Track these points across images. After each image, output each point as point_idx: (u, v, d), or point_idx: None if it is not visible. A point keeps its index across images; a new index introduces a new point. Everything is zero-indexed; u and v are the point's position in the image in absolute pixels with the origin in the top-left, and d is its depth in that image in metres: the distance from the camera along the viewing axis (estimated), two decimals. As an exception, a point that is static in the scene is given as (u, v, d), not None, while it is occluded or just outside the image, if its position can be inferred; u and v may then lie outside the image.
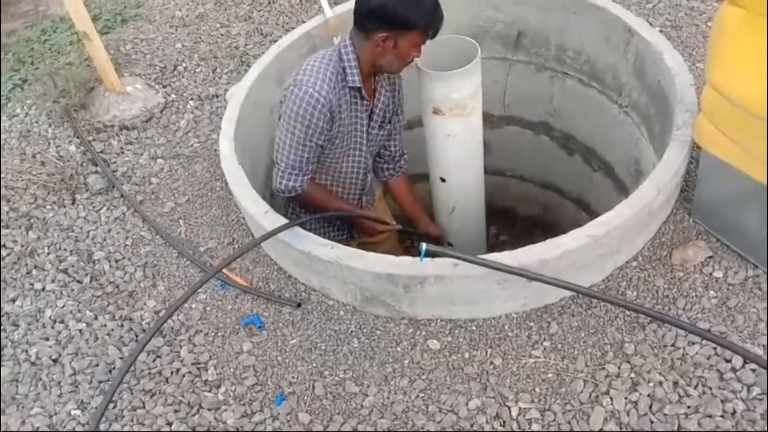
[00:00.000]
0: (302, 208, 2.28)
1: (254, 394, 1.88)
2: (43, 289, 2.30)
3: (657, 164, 2.00)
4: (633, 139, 2.67)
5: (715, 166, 1.89)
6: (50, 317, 2.20)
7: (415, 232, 2.57)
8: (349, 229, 2.41)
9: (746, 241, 1.92)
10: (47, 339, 2.13)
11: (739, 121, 1.72)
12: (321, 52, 2.03)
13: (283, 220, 2.04)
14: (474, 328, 1.93)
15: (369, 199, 2.42)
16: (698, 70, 2.60)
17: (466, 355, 1.87)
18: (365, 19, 1.94)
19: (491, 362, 1.84)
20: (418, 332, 1.95)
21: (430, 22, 1.93)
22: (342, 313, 2.04)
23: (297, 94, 1.91)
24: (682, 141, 2.01)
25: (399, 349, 1.92)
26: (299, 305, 2.06)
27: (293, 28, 2.96)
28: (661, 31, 2.65)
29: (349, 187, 2.25)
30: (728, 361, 1.73)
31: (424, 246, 1.77)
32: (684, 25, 2.89)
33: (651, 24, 2.66)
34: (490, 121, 3.16)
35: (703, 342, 1.78)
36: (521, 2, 2.79)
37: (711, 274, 1.93)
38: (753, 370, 1.69)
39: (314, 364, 1.92)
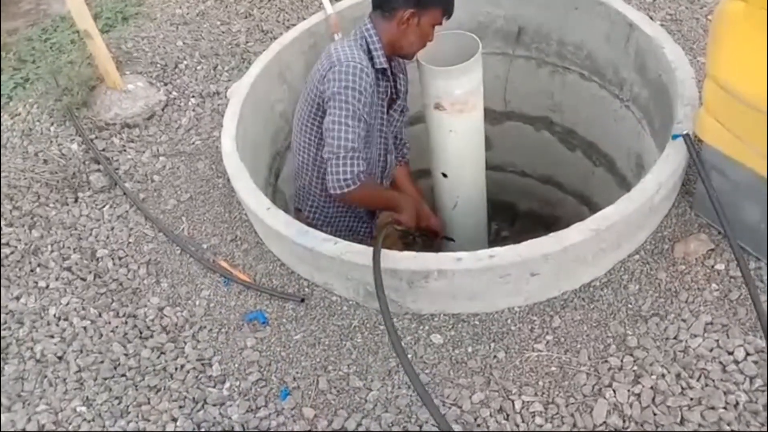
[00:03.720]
0: (347, 209, 2.32)
1: (259, 389, 1.89)
2: (47, 286, 2.31)
3: (658, 158, 2.00)
4: (634, 133, 2.67)
5: (715, 159, 1.90)
6: (54, 315, 2.21)
7: (450, 237, 2.60)
8: (371, 222, 2.44)
9: (747, 234, 1.93)
10: (52, 336, 2.14)
11: (740, 115, 1.73)
12: (341, 40, 2.06)
13: (287, 217, 2.05)
14: (477, 322, 1.94)
15: (388, 182, 2.45)
16: (699, 64, 2.60)
17: (470, 350, 1.88)
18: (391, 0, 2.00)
19: (494, 356, 1.85)
20: (421, 327, 1.96)
21: (450, 0, 2.04)
22: (345, 308, 2.04)
23: (341, 70, 1.92)
24: (684, 135, 2.01)
25: (402, 343, 1.93)
26: (303, 300, 2.07)
27: (294, 25, 2.96)
28: (661, 25, 2.66)
29: (373, 167, 2.27)
30: (730, 353, 1.73)
31: None
32: (684, 18, 2.89)
33: (651, 18, 2.66)
34: (491, 116, 3.16)
35: (706, 335, 1.78)
36: (521, -3, 2.79)
37: (713, 266, 1.94)
38: (755, 362, 1.70)
39: (318, 359, 1.93)
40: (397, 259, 1.87)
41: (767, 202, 1.80)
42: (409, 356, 1.89)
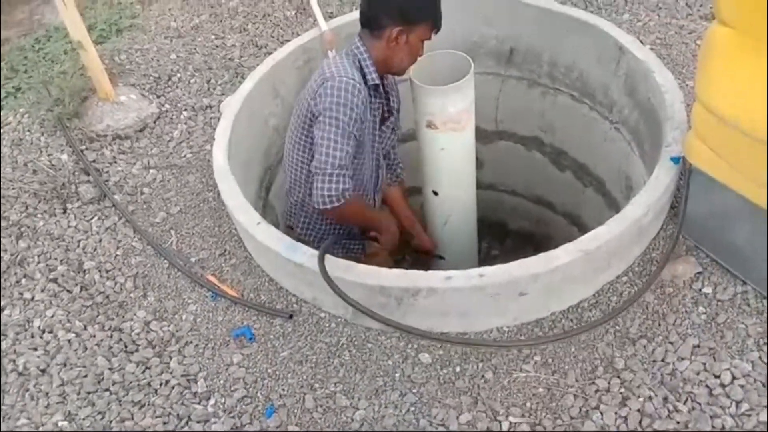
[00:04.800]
0: (334, 224, 2.30)
1: (244, 406, 1.87)
2: (32, 298, 2.28)
3: (647, 180, 2.02)
4: (624, 155, 2.69)
5: (704, 183, 1.91)
6: (39, 327, 2.18)
7: (440, 255, 2.59)
8: (363, 239, 2.44)
9: (735, 257, 1.94)
10: (35, 349, 2.11)
11: (728, 139, 1.75)
12: (334, 57, 2.07)
13: (277, 232, 2.04)
14: (465, 341, 1.93)
15: (379, 196, 2.45)
16: (688, 88, 2.63)
17: (457, 369, 1.87)
18: (378, 17, 2.01)
19: (482, 376, 1.84)
20: (409, 345, 1.95)
21: (437, 14, 2.05)
22: (333, 325, 2.03)
23: (333, 85, 1.92)
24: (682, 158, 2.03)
25: (390, 362, 1.92)
26: (291, 317, 2.06)
27: (288, 41, 2.98)
28: (651, 49, 2.69)
29: (366, 184, 2.28)
30: (717, 377, 1.74)
31: None
32: (674, 43, 2.93)
33: (642, 42, 2.69)
34: (482, 135, 3.18)
35: (693, 358, 1.79)
36: (514, 19, 2.82)
37: (700, 290, 1.95)
38: (741, 386, 1.71)
39: (305, 377, 1.92)
40: (387, 277, 1.86)
41: (756, 225, 1.82)
42: (397, 375, 1.88)
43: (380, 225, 2.19)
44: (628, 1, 3.22)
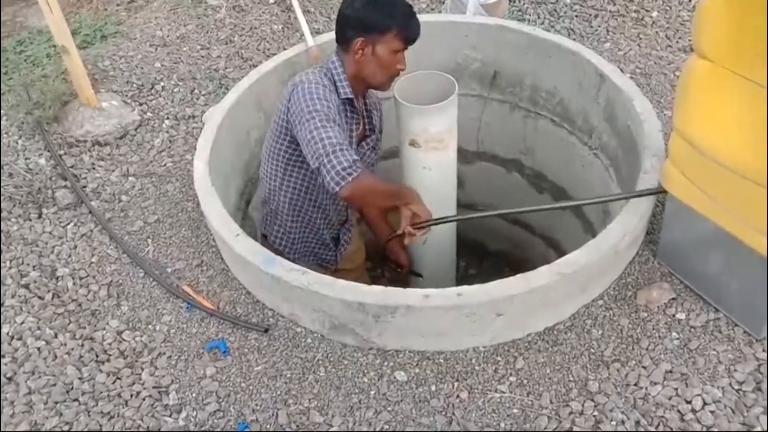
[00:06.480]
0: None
1: (216, 420, 1.84)
2: (2, 304, 2.23)
3: (624, 207, 2.05)
4: (602, 180, 2.74)
5: (680, 211, 1.95)
6: (8, 333, 2.13)
7: (418, 273, 2.60)
8: (336, 248, 2.43)
9: (708, 285, 1.98)
10: (3, 356, 2.06)
11: (705, 169, 1.78)
12: (307, 70, 2.07)
13: (255, 244, 2.03)
14: (442, 360, 1.93)
15: (355, 214, 2.44)
16: (666, 117, 2.69)
17: (433, 388, 1.87)
18: (343, 30, 2.04)
19: (457, 396, 1.84)
20: (385, 363, 1.94)
21: (403, 25, 2.00)
22: (310, 340, 2.02)
23: (303, 88, 1.94)
24: (649, 185, 2.07)
25: (366, 379, 1.91)
26: (266, 331, 2.04)
27: (274, 55, 2.98)
28: (631, 78, 2.75)
29: (340, 200, 2.27)
30: (688, 402, 1.76)
31: None
32: (653, 73, 3.00)
33: (622, 70, 2.75)
34: (464, 156, 3.20)
35: (665, 383, 1.81)
36: (498, 43, 2.87)
37: (674, 315, 1.98)
38: (712, 412, 1.73)
39: (279, 392, 1.90)
40: (365, 293, 1.86)
41: (730, 254, 1.85)
42: (372, 392, 1.87)
43: (404, 193, 2.11)
44: (610, 31, 3.29)
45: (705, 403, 1.75)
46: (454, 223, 2.64)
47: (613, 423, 1.73)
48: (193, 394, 1.91)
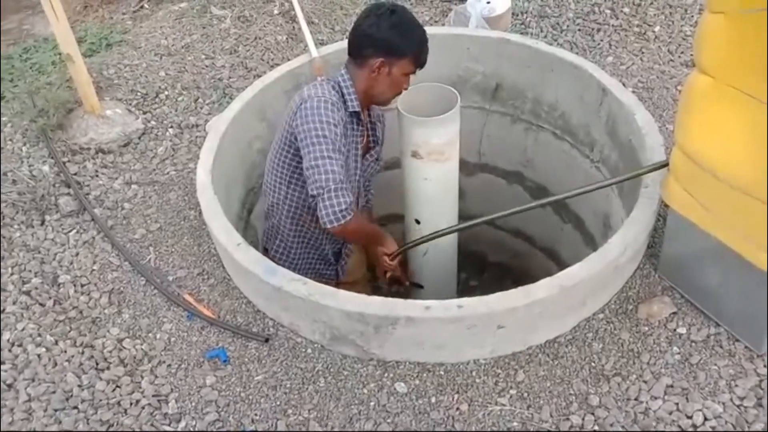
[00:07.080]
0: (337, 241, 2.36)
1: (215, 430, 1.84)
2: (3, 310, 2.23)
3: (625, 220, 2.06)
4: (603, 194, 2.74)
5: (681, 225, 1.95)
6: (8, 340, 2.13)
7: (419, 284, 2.62)
8: (337, 263, 2.44)
9: (709, 299, 1.98)
10: (3, 363, 2.06)
11: (705, 184, 1.79)
12: (315, 83, 2.09)
13: (257, 254, 2.03)
14: (442, 372, 1.93)
15: None
16: (668, 132, 2.70)
17: (433, 400, 1.87)
18: (362, 48, 2.06)
19: (457, 408, 1.84)
20: (385, 374, 1.94)
21: (421, 51, 2.09)
22: (310, 350, 2.02)
23: (311, 105, 1.96)
24: (650, 199, 2.07)
25: (365, 390, 1.90)
26: (267, 340, 2.04)
27: (278, 65, 3.00)
28: (633, 92, 2.76)
29: None
30: (689, 417, 1.75)
31: None
32: (655, 87, 3.01)
33: (624, 84, 2.76)
34: (465, 167, 3.21)
35: (666, 397, 1.80)
36: (501, 56, 2.88)
37: (675, 330, 1.97)
38: (712, 428, 1.72)
39: (278, 402, 1.89)
40: (365, 304, 1.86)
41: (730, 268, 1.85)
42: (372, 404, 1.87)
43: (381, 236, 2.26)
44: (612, 45, 3.31)
45: (706, 419, 1.75)
46: (454, 234, 2.64)
47: (613, 437, 1.73)
48: (193, 403, 1.91)
